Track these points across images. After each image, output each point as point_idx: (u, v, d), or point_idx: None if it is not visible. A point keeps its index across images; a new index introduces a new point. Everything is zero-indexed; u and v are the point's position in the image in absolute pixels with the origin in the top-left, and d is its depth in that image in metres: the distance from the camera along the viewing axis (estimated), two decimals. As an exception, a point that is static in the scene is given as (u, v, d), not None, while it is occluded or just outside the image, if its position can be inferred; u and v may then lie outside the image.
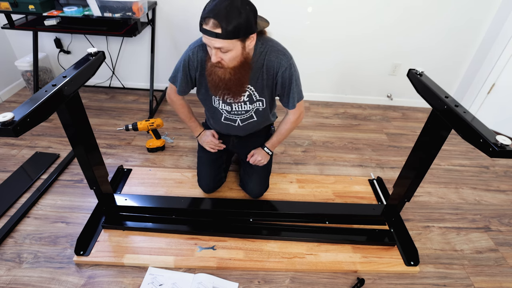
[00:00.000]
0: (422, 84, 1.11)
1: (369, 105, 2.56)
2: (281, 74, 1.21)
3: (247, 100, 1.30)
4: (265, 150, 1.48)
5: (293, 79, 1.24)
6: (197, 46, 1.22)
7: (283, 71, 1.21)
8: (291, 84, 1.25)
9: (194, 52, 1.22)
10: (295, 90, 1.27)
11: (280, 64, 1.20)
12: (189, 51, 1.24)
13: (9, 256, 1.25)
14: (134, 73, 2.48)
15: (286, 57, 1.21)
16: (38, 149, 1.82)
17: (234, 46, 1.04)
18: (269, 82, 1.26)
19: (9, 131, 0.74)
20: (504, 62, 2.08)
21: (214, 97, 1.32)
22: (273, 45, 1.21)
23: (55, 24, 1.92)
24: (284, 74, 1.22)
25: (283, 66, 1.20)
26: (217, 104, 1.35)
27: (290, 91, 1.27)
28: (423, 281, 1.26)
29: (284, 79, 1.23)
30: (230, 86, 1.16)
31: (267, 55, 1.19)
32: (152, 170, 1.71)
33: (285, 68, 1.20)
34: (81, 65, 1.03)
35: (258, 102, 1.32)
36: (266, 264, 1.27)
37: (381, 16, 2.13)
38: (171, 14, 2.17)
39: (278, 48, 1.21)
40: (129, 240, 1.33)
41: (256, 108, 1.35)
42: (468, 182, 1.80)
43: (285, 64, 1.20)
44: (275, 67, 1.20)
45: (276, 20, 2.15)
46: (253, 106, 1.33)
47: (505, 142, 0.79)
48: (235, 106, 1.32)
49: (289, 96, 1.28)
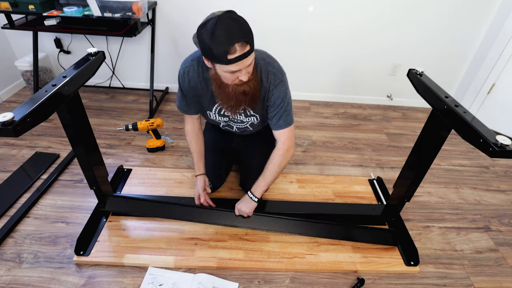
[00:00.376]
0: (422, 84, 1.11)
1: (369, 105, 2.56)
2: (273, 90, 1.18)
3: (242, 113, 1.29)
4: (250, 198, 1.32)
5: (285, 96, 1.20)
6: (187, 68, 1.20)
7: (274, 88, 1.17)
8: (282, 102, 1.20)
9: (185, 72, 1.20)
10: (285, 109, 1.22)
11: (271, 81, 1.17)
12: (180, 75, 1.23)
13: (9, 256, 1.25)
14: (134, 73, 2.48)
15: (277, 76, 1.17)
16: (38, 149, 1.82)
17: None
18: (261, 99, 1.22)
19: (9, 131, 0.74)
20: (504, 62, 2.09)
21: (209, 112, 1.33)
22: (266, 63, 1.17)
23: (55, 24, 1.92)
24: (275, 91, 1.18)
25: (274, 83, 1.17)
26: (213, 117, 1.36)
27: (280, 110, 1.21)
28: (423, 281, 1.26)
29: (275, 96, 1.19)
30: (255, 94, 1.14)
31: (260, 72, 1.16)
32: (152, 170, 1.71)
33: (276, 85, 1.17)
34: (81, 65, 1.03)
35: (252, 117, 1.31)
36: (266, 264, 1.27)
37: (381, 16, 2.13)
38: (171, 14, 2.17)
39: (269, 66, 1.17)
40: (129, 240, 1.33)
41: (251, 122, 1.35)
42: (468, 182, 1.80)
43: (277, 81, 1.17)
44: (266, 84, 1.17)
45: (275, 19, 2.15)
46: (247, 119, 1.33)
47: (505, 142, 0.79)
48: (232, 117, 1.33)
49: (280, 115, 1.21)
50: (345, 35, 2.22)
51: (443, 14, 2.12)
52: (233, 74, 1.03)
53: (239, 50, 0.95)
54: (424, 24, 2.16)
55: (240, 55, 0.96)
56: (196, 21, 1.07)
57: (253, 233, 1.39)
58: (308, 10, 2.12)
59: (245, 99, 1.13)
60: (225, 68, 1.00)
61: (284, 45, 2.24)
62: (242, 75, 1.03)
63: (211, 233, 1.38)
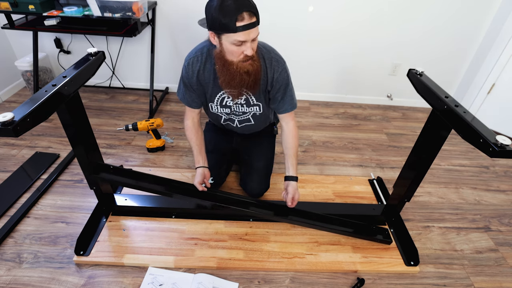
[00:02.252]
0: (422, 84, 1.11)
1: (369, 105, 2.56)
2: (277, 78, 1.24)
3: (244, 103, 1.32)
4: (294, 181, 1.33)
5: (289, 82, 1.27)
6: (192, 59, 1.23)
7: (278, 75, 1.23)
8: (286, 87, 1.27)
9: (189, 63, 1.24)
10: (289, 94, 1.30)
11: (275, 68, 1.23)
12: (184, 66, 1.26)
13: (9, 256, 1.25)
14: (134, 73, 2.48)
15: (280, 62, 1.24)
16: (38, 149, 1.82)
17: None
18: (264, 88, 1.28)
19: (9, 131, 0.74)
20: (504, 62, 2.08)
21: (212, 104, 1.35)
22: (268, 51, 1.23)
23: (55, 24, 1.92)
24: (279, 78, 1.24)
25: (278, 70, 1.23)
26: (215, 110, 1.37)
27: (285, 95, 1.29)
28: (423, 281, 1.26)
29: (279, 83, 1.25)
30: (257, 76, 1.17)
31: (263, 59, 1.21)
32: (152, 170, 1.71)
33: (280, 72, 1.23)
34: (81, 65, 1.03)
35: (255, 106, 1.34)
36: (266, 264, 1.27)
37: (381, 16, 2.13)
38: (171, 14, 2.17)
39: (272, 53, 1.23)
40: (129, 240, 1.33)
41: (253, 112, 1.37)
42: (468, 182, 1.80)
43: (280, 68, 1.23)
44: (270, 72, 1.23)
45: (276, 16, 2.15)
46: (250, 109, 1.35)
47: (505, 142, 0.79)
48: (234, 108, 1.35)
49: (285, 99, 1.30)
50: (345, 35, 2.22)
51: (443, 14, 2.12)
52: (239, 48, 1.06)
53: (247, 18, 1.00)
54: (424, 24, 2.16)
55: (248, 24, 1.00)
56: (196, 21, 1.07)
57: (253, 233, 1.39)
58: (308, 10, 2.12)
59: (248, 79, 1.15)
60: (232, 38, 1.03)
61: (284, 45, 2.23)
62: (247, 48, 1.07)
63: (211, 233, 1.38)
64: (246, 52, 1.07)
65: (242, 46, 1.06)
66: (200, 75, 1.25)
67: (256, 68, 1.14)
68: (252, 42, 1.07)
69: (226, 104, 1.33)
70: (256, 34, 1.06)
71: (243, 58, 1.10)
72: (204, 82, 1.27)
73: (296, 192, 1.31)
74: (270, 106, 1.37)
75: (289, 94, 1.30)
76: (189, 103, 1.35)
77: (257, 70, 1.16)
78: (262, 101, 1.33)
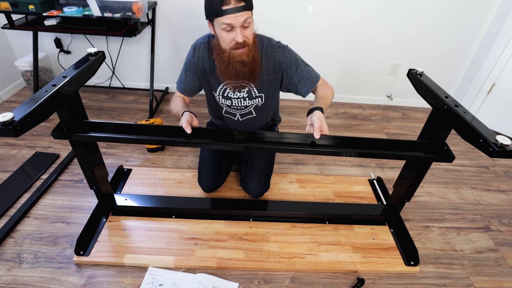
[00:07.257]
0: (422, 84, 1.11)
1: (369, 105, 2.56)
2: (284, 61, 1.24)
3: (246, 96, 1.32)
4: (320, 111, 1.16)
5: (298, 60, 1.27)
6: (199, 44, 1.25)
7: (283, 57, 1.24)
8: (298, 66, 1.26)
9: (196, 49, 1.25)
10: (305, 71, 1.27)
11: (277, 54, 1.24)
12: (190, 51, 1.27)
13: (9, 256, 1.25)
14: (134, 73, 2.48)
15: (282, 47, 1.25)
16: (38, 149, 1.82)
17: (252, 19, 1.09)
18: (270, 78, 1.27)
19: (9, 131, 0.74)
20: (504, 62, 2.09)
21: (214, 92, 1.35)
22: (268, 39, 1.25)
23: (55, 24, 1.92)
24: (286, 60, 1.24)
25: (282, 53, 1.24)
26: (217, 99, 1.38)
27: (301, 74, 1.26)
28: (423, 281, 1.26)
29: (288, 65, 1.25)
30: (254, 67, 1.17)
31: (264, 50, 1.23)
32: (152, 170, 1.71)
33: (284, 54, 1.24)
34: (81, 65, 1.03)
35: (257, 98, 1.34)
36: (266, 264, 1.27)
37: (381, 16, 2.13)
38: (171, 14, 2.17)
39: (272, 41, 1.26)
40: (129, 240, 1.33)
41: (255, 105, 1.37)
42: (468, 182, 1.80)
43: (283, 51, 1.24)
44: (275, 59, 1.24)
45: (276, 16, 2.15)
46: (252, 102, 1.35)
47: (505, 142, 0.79)
48: (235, 102, 1.35)
49: (303, 80, 1.26)
50: (345, 35, 2.22)
51: (443, 14, 2.12)
52: (229, 34, 1.07)
53: (233, 2, 1.01)
54: (424, 24, 2.16)
55: (235, 7, 1.01)
56: (196, 21, 1.07)
57: (253, 233, 1.39)
58: (308, 10, 2.12)
59: (243, 70, 1.15)
60: (220, 21, 1.04)
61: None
62: (237, 34, 1.06)
63: (211, 233, 1.38)
64: (237, 38, 1.07)
65: (232, 32, 1.07)
66: (205, 61, 1.26)
67: (252, 58, 1.14)
68: (243, 29, 1.07)
69: (228, 95, 1.33)
70: (244, 18, 1.04)
71: (234, 45, 1.09)
72: (209, 69, 1.28)
73: (324, 122, 1.11)
74: (296, 93, 1.31)
75: (305, 71, 1.26)
76: (183, 89, 1.35)
77: (254, 61, 1.15)
78: (265, 92, 1.33)
